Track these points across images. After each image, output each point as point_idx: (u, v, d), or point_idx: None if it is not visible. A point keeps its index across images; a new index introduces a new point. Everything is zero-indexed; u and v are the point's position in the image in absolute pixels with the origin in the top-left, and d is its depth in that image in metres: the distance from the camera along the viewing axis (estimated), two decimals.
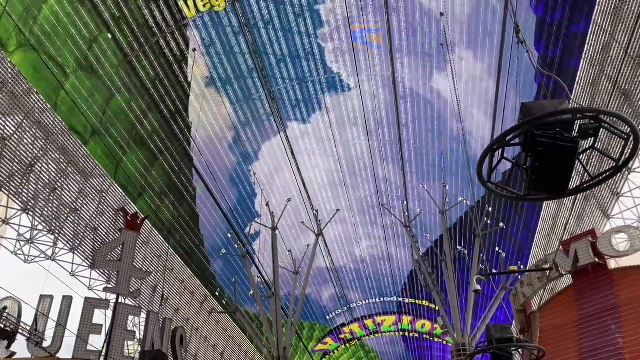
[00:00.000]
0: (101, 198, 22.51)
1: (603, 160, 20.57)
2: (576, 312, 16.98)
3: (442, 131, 29.51)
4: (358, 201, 35.09)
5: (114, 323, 19.29)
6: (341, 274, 40.68)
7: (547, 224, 29.34)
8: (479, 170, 6.65)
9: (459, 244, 33.41)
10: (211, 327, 32.32)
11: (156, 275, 25.45)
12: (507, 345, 11.35)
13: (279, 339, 27.35)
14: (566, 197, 6.46)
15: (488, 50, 24.81)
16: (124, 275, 20.79)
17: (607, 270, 16.95)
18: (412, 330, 46.88)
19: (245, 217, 31.66)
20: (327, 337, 46.71)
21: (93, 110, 21.24)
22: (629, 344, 14.90)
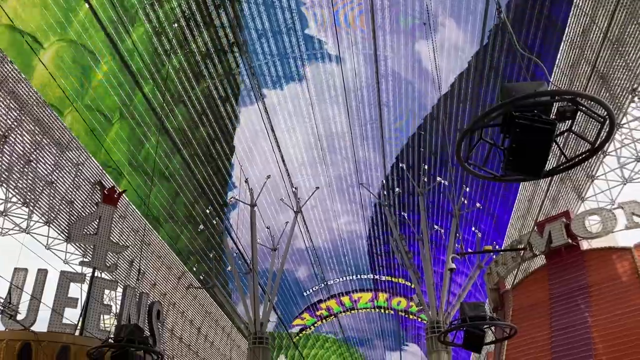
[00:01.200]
0: (77, 171, 22.20)
1: (579, 144, 20.85)
2: (548, 291, 17.33)
3: (423, 111, 29.58)
4: (337, 179, 35.16)
5: (89, 297, 19.19)
6: (319, 252, 40.93)
7: (523, 205, 29.79)
8: (457, 151, 6.68)
9: (437, 223, 33.81)
10: (188, 302, 32.36)
11: (133, 249, 25.31)
12: (480, 323, 11.53)
13: (256, 315, 27.53)
14: (542, 178, 6.53)
15: (470, 29, 24.81)
16: (101, 249, 20.62)
17: (579, 251, 17.29)
18: (388, 307, 47.55)
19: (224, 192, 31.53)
20: (304, 313, 47.17)
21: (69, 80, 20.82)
22: (598, 322, 15.29)
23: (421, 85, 28.12)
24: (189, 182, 28.75)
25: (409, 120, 30.27)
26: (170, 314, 29.79)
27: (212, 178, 30.09)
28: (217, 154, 29.54)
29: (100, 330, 19.09)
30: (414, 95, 28.81)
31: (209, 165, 29.57)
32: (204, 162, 29.07)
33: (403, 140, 31.75)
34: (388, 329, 51.66)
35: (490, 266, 20.95)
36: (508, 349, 16.85)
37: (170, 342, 29.62)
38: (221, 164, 30.18)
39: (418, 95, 28.69)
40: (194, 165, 27.91)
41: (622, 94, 20.28)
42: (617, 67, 19.46)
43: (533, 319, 17.02)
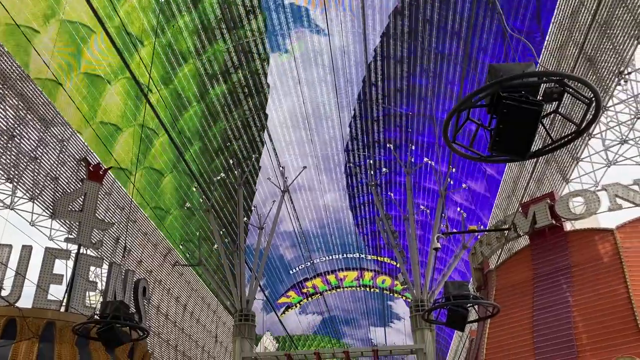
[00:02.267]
0: (62, 147, 21.97)
1: (565, 126, 21.00)
2: (531, 271, 17.56)
3: (411, 91, 29.54)
4: (325, 159, 35.15)
5: (75, 273, 19.16)
6: (305, 230, 41.06)
7: (508, 186, 30.02)
8: (444, 131, 6.70)
9: (423, 203, 34.01)
10: (174, 279, 32.41)
11: (119, 226, 25.21)
12: (463, 302, 11.67)
13: (242, 293, 27.67)
14: (528, 159, 6.57)
15: (460, 9, 24.70)
16: (86, 226, 20.54)
17: (562, 232, 17.49)
18: (373, 285, 48.00)
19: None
20: (290, 291, 47.48)
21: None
22: (579, 301, 15.56)
23: (410, 66, 28.04)
24: (177, 162, 28.60)
25: (397, 100, 30.23)
26: (156, 291, 29.84)
27: (199, 158, 29.94)
28: (204, 133, 29.35)
29: (86, 307, 19.11)
30: (402, 75, 28.72)
31: (196, 143, 29.40)
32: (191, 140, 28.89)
33: (390, 120, 31.73)
34: (373, 307, 52.20)
35: (475, 246, 21.15)
36: (491, 327, 17.12)
37: (156, 319, 29.72)
38: (208, 142, 30.00)
39: (407, 75, 28.62)
40: (182, 144, 27.72)
41: (609, 76, 20.39)
42: (604, 50, 19.53)
43: (516, 298, 17.26)
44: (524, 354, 15.70)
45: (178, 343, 32.50)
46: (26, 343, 16.38)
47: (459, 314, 11.82)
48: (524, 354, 15.67)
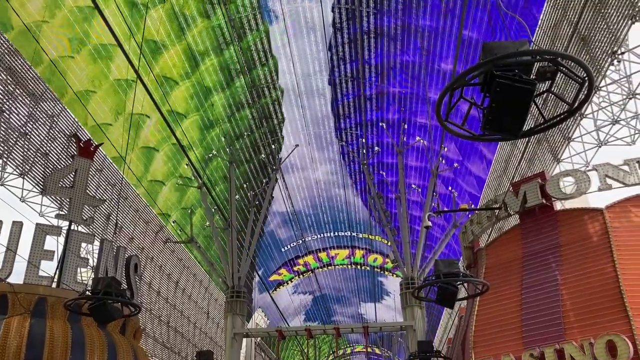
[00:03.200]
0: (52, 123, 21.77)
1: (557, 106, 21.01)
2: (521, 250, 17.71)
3: (405, 69, 29.41)
4: (317, 137, 35.09)
5: (66, 250, 19.14)
6: (297, 208, 41.15)
7: (500, 166, 30.12)
8: (437, 109, 6.69)
9: (414, 182, 34.12)
10: (166, 256, 32.47)
11: (110, 203, 25.14)
12: (453, 280, 11.79)
13: (234, 270, 27.79)
14: (520, 138, 6.59)
15: None
16: (77, 203, 20.47)
17: (552, 211, 17.62)
18: (364, 263, 48.35)
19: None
20: (281, 268, 47.75)
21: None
22: (567, 279, 15.74)
23: (404, 43, 27.87)
24: (168, 138, 28.43)
25: (390, 78, 30.11)
26: (148, 267, 29.90)
27: (190, 133, 29.76)
28: (195, 108, 29.15)
29: (77, 283, 19.14)
30: (395, 54, 28.58)
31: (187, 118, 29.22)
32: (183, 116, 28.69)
33: (384, 98, 31.65)
34: (364, 285, 52.66)
35: (466, 225, 21.29)
36: (480, 305, 17.31)
37: (148, 295, 29.84)
38: (199, 117, 29.82)
39: (400, 53, 28.46)
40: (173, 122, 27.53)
41: (602, 56, 20.36)
42: (598, 29, 19.46)
43: (505, 277, 17.44)
44: (512, 331, 15.92)
45: (170, 319, 32.70)
46: (18, 318, 16.43)
47: (449, 291, 11.95)
48: (512, 331, 15.90)
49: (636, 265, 14.81)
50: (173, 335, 33.15)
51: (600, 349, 13.55)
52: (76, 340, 16.86)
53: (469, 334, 17.13)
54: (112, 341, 17.91)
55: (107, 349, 17.50)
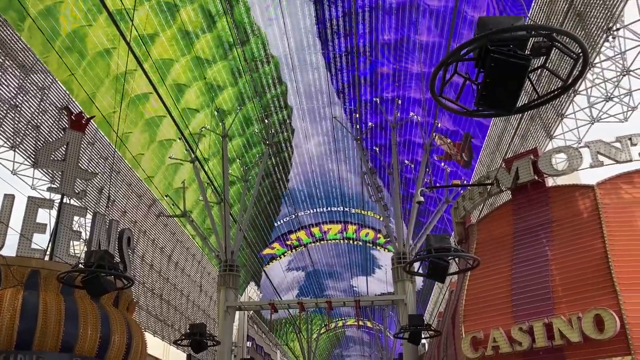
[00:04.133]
0: (43, 95, 21.54)
1: (551, 83, 20.99)
2: (512, 226, 17.85)
3: (399, 45, 29.20)
4: (310, 112, 34.95)
5: (58, 223, 19.12)
6: (290, 184, 41.21)
7: (493, 142, 30.19)
8: (431, 84, 6.67)
9: (407, 158, 34.17)
10: (159, 230, 32.51)
11: (102, 177, 25.05)
12: (444, 255, 11.89)
13: (227, 244, 27.88)
14: (514, 114, 6.60)
15: None
16: (69, 176, 20.38)
17: (544, 187, 17.70)
18: (356, 238, 48.65)
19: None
20: (274, 243, 47.98)
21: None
22: (557, 255, 15.92)
23: (397, 21, 27.63)
24: (160, 110, 28.21)
25: (384, 52, 29.91)
26: (140, 241, 29.96)
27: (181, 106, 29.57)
28: (187, 83, 28.91)
29: (70, 256, 19.17)
30: (390, 29, 28.35)
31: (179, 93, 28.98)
32: (176, 91, 28.46)
33: (378, 74, 31.49)
34: (356, 259, 53.09)
35: (458, 201, 21.39)
36: (470, 280, 17.50)
37: (141, 269, 29.95)
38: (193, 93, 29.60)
39: (395, 28, 28.24)
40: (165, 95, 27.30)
41: (597, 32, 20.29)
42: (594, 5, 19.35)
43: (496, 252, 17.61)
44: (501, 305, 16.14)
45: (163, 292, 32.90)
46: (11, 290, 16.47)
47: (440, 266, 12.07)
48: (502, 305, 16.11)
49: (625, 241, 14.98)
50: (166, 308, 33.40)
51: (588, 323, 13.78)
52: (69, 313, 16.95)
53: (459, 308, 17.35)
54: (105, 313, 18.02)
55: (101, 321, 17.62)
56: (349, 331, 74.07)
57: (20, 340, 16.11)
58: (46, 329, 16.39)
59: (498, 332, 15.37)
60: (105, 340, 17.57)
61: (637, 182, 16.22)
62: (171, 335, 33.14)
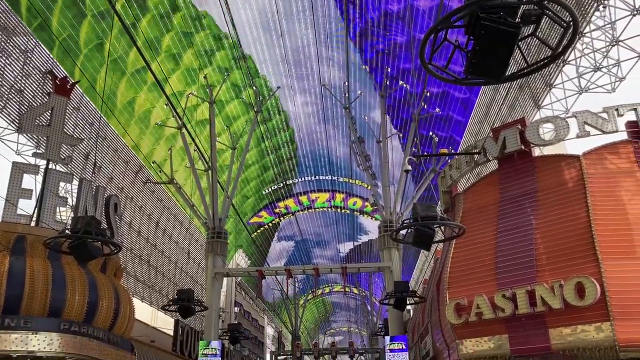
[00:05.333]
0: (26, 58, 21.11)
1: (541, 52, 20.92)
2: (498, 195, 18.01)
3: (388, 11, 28.87)
4: (299, 79, 34.65)
5: (44, 188, 19.00)
6: (279, 152, 41.10)
7: (481, 111, 30.22)
8: (421, 51, 6.63)
9: (396, 127, 34.14)
10: (146, 196, 32.41)
11: (88, 142, 24.80)
12: (430, 223, 12.02)
13: (215, 212, 27.91)
14: (503, 82, 6.59)
15: None
16: (54, 141, 20.19)
17: (531, 157, 17.81)
18: (344, 207, 48.88)
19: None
20: (262, 211, 48.07)
21: None
22: (541, 224, 16.13)
23: None
24: (146, 75, 27.83)
25: (374, 21, 29.57)
26: (127, 207, 29.88)
27: (169, 73, 29.18)
28: (173, 47, 28.47)
29: (57, 222, 19.11)
30: None
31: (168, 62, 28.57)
32: (164, 59, 28.03)
33: (367, 41, 31.18)
34: (344, 227, 53.44)
35: (445, 170, 21.50)
36: (455, 248, 17.73)
37: (129, 235, 29.95)
38: (179, 57, 29.18)
39: None
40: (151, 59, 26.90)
41: (588, 2, 20.18)
42: None
43: (481, 221, 17.80)
44: (486, 272, 16.39)
45: (151, 258, 33.00)
46: None
47: (426, 234, 12.21)
48: (486, 273, 16.37)
49: (608, 211, 15.19)
50: (154, 274, 33.54)
51: (570, 290, 14.06)
52: (57, 278, 16.99)
53: (444, 275, 17.60)
54: (93, 279, 18.08)
55: (88, 286, 17.70)
56: (335, 297, 74.99)
57: (7, 305, 16.16)
58: (33, 294, 16.44)
59: (481, 298, 15.65)
60: (93, 306, 17.68)
61: (622, 152, 16.37)
62: (159, 301, 33.37)
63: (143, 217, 32.07)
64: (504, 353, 15.45)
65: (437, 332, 18.83)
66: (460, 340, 16.28)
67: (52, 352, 16.06)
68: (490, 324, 15.59)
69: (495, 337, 15.55)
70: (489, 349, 15.67)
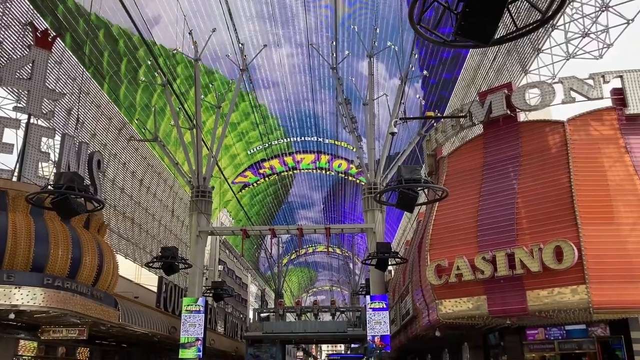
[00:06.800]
0: (5, 9, 20.50)
1: (530, 16, 20.78)
2: (482, 159, 18.13)
3: None
4: (286, 38, 34.11)
5: (26, 143, 18.75)
6: (264, 112, 40.76)
7: (468, 75, 30.12)
8: (410, 11, 6.55)
9: (383, 89, 33.94)
10: (130, 154, 32.15)
11: (70, 97, 24.38)
12: (414, 185, 12.12)
13: (199, 170, 27.83)
14: (491, 45, 6.55)
15: None
16: (36, 95, 19.81)
17: (516, 122, 17.87)
18: (329, 168, 48.94)
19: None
20: (247, 171, 47.99)
21: None
22: (523, 189, 16.33)
23: None
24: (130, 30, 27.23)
25: None
26: (111, 164, 29.65)
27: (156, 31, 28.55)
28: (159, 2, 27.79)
29: (39, 177, 18.94)
30: None
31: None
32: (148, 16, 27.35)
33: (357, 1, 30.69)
34: (328, 189, 53.64)
35: (430, 133, 21.55)
36: (438, 210, 17.94)
37: (112, 192, 29.81)
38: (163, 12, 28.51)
39: None
40: None
41: None
42: None
43: (464, 184, 17.97)
44: (467, 235, 16.65)
45: (135, 216, 32.96)
46: None
47: (409, 196, 12.33)
48: (467, 235, 16.63)
49: (590, 177, 15.40)
50: (138, 232, 33.58)
51: (548, 254, 14.36)
52: (40, 234, 16.94)
53: (426, 237, 17.85)
54: (76, 235, 18.06)
55: (72, 242, 17.69)
56: (318, 257, 75.81)
57: None
58: (16, 248, 16.40)
59: (462, 260, 15.93)
60: (77, 261, 17.71)
61: (606, 119, 16.49)
62: (143, 258, 33.51)
63: (127, 174, 31.89)
64: (482, 314, 15.85)
65: (417, 292, 19.21)
66: (439, 301, 16.64)
67: (35, 307, 16.13)
68: (470, 285, 15.93)
69: (474, 298, 15.91)
70: (467, 309, 16.06)
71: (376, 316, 23.87)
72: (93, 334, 21.47)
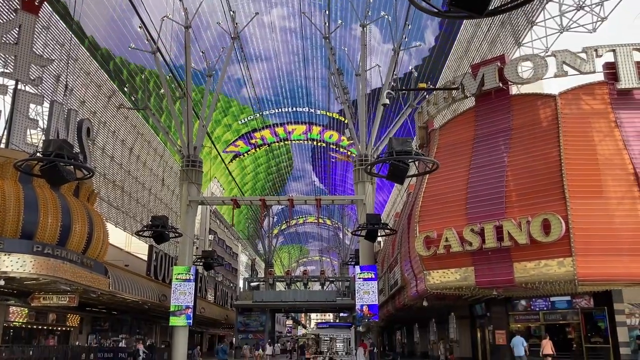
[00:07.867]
0: None
1: None
2: (473, 132, 18.10)
3: None
4: (279, 6, 33.61)
5: (13, 110, 18.52)
6: (255, 82, 40.36)
7: (462, 47, 29.91)
8: None
9: (376, 60, 33.68)
10: (119, 122, 31.87)
11: (59, 64, 24.02)
12: (405, 158, 12.08)
13: (190, 139, 27.66)
14: (485, 17, 6.49)
15: None
16: (23, 61, 19.50)
17: (508, 95, 17.80)
18: (320, 140, 48.78)
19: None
20: (238, 140, 47.76)
21: None
22: (513, 162, 16.38)
23: None
24: None
25: None
26: (100, 132, 29.40)
27: None
28: None
29: (27, 144, 18.78)
30: None
31: None
32: None
33: None
34: (319, 160, 53.57)
35: (422, 105, 21.46)
36: (428, 182, 17.99)
37: (102, 160, 29.64)
38: None
39: None
40: None
41: None
42: None
43: (455, 157, 17.99)
44: (456, 207, 16.74)
45: (124, 184, 32.85)
46: None
47: (400, 168, 12.30)
48: (457, 208, 16.72)
49: (580, 151, 15.46)
50: (128, 200, 33.52)
51: (536, 226, 14.50)
52: (29, 201, 16.86)
53: (416, 209, 17.94)
54: (65, 203, 18.00)
55: (61, 210, 17.63)
56: (308, 227, 76.13)
57: None
58: (5, 215, 16.33)
59: (450, 232, 16.06)
60: (66, 229, 17.69)
61: (597, 93, 16.48)
62: (133, 226, 33.52)
63: (116, 142, 31.67)
64: (469, 284, 16.06)
65: (406, 263, 19.40)
66: (428, 271, 16.83)
67: (25, 273, 16.16)
68: (458, 257, 16.09)
69: (462, 269, 16.10)
70: (455, 280, 16.26)
71: (365, 286, 24.14)
72: (83, 301, 21.61)
